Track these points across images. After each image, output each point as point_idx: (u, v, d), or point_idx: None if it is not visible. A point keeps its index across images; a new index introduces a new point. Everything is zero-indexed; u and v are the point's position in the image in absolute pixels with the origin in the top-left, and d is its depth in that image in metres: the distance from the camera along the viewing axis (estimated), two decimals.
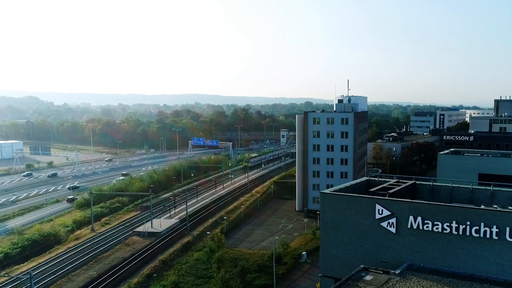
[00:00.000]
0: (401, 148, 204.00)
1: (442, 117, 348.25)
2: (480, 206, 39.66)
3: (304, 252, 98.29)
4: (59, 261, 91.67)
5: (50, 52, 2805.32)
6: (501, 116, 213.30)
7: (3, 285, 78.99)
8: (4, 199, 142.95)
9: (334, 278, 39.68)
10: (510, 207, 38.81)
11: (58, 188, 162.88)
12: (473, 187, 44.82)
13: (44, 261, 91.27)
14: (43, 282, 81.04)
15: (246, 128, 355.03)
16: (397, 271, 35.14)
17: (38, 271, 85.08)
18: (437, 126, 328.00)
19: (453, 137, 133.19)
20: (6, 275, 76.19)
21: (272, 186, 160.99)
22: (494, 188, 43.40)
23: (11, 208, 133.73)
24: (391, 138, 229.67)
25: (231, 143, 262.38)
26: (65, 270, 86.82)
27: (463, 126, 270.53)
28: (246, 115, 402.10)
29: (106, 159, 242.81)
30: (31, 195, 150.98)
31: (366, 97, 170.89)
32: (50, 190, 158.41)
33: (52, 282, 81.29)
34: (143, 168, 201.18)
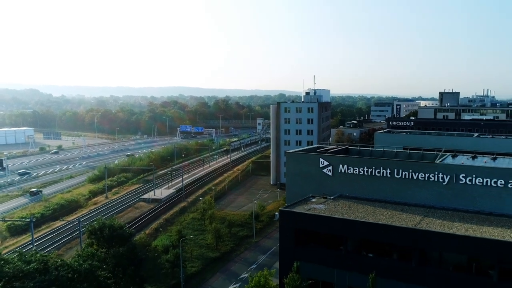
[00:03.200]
0: (360, 133, 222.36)
1: (398, 107, 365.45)
2: None
3: (277, 213, 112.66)
4: (85, 219, 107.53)
5: (45, 48, 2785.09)
6: (444, 106, 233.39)
7: (61, 227, 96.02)
8: (27, 175, 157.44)
9: None
10: (403, 159, 57.01)
11: (70, 166, 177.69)
12: (384, 150, 63.20)
13: (72, 219, 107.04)
14: (77, 233, 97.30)
15: (226, 117, 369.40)
16: (331, 197, 53.20)
17: (72, 225, 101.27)
18: (395, 115, 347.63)
19: (398, 123, 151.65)
20: (62, 220, 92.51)
21: (250, 165, 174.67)
22: (397, 150, 61.89)
23: (34, 182, 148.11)
24: (351, 125, 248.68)
25: (214, 130, 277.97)
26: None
27: (414, 115, 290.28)
28: (226, 105, 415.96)
29: (52, 151, 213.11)
30: (48, 172, 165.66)
31: (329, 90, 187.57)
32: (63, 168, 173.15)
33: (83, 233, 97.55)
34: (139, 151, 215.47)
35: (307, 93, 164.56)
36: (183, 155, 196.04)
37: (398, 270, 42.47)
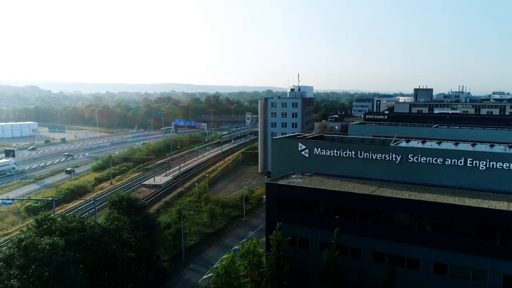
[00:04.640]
0: (341, 126, 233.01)
1: (378, 102, 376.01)
2: None
3: (264, 196, 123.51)
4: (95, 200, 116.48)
5: (43, 46, 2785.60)
6: (419, 102, 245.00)
7: (74, 208, 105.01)
8: (36, 165, 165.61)
9: None
10: (366, 144, 67.09)
11: (74, 157, 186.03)
12: (352, 136, 73.45)
13: (89, 198, 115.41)
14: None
15: (217, 112, 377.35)
16: (308, 174, 63.28)
17: (83, 206, 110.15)
18: (374, 110, 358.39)
19: (373, 116, 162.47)
20: (79, 198, 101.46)
21: (240, 156, 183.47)
22: (362, 137, 72.17)
23: (44, 171, 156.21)
24: (333, 119, 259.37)
25: (206, 124, 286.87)
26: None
27: (391, 110, 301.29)
28: (217, 101, 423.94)
29: (29, 148, 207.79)
30: (55, 162, 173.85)
31: (312, 87, 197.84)
32: (68, 159, 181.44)
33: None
34: (137, 143, 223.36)
35: (292, 90, 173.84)
36: (178, 147, 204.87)
37: (358, 228, 52.78)
